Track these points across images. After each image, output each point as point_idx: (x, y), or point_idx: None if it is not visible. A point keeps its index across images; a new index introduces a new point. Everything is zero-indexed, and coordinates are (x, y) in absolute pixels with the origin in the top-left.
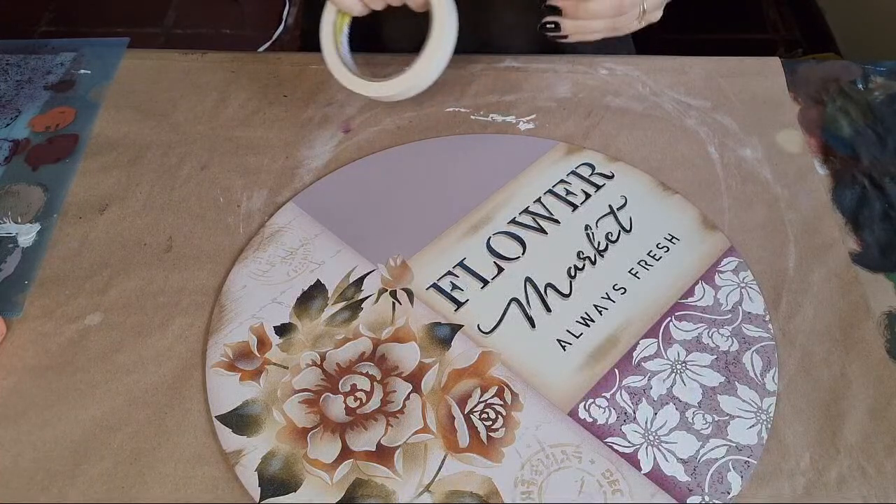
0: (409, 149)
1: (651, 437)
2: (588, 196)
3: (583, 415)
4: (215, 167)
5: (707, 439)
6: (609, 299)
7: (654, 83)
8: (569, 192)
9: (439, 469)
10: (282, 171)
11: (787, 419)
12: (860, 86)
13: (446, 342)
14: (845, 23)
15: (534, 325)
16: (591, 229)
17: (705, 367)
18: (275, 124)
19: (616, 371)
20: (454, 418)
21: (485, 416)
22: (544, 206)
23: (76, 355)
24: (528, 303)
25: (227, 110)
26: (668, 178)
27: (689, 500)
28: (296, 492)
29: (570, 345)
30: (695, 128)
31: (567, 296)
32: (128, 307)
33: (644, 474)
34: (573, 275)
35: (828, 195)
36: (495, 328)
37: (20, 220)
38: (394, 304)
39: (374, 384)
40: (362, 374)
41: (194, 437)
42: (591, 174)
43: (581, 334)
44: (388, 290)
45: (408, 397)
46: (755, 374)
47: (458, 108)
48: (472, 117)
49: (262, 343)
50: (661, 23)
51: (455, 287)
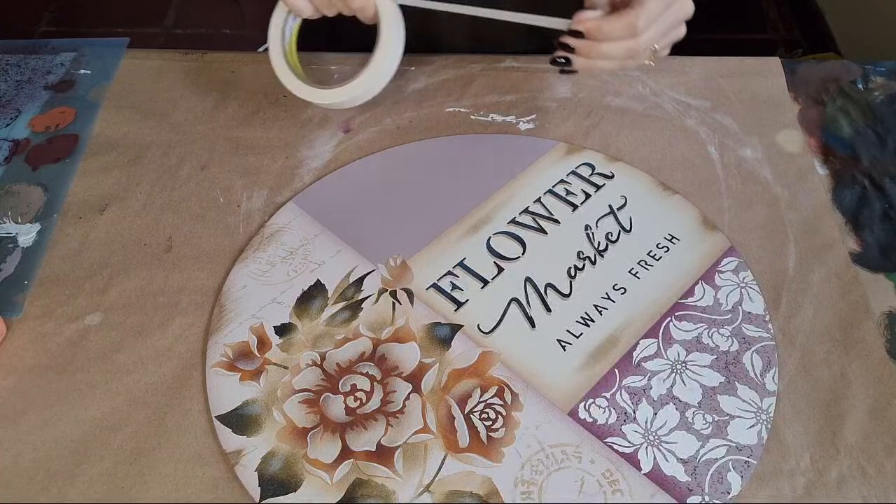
0: (409, 149)
1: (651, 437)
2: (588, 196)
3: (583, 415)
4: (215, 167)
5: (707, 439)
6: (609, 299)
7: (654, 83)
8: (569, 192)
9: (439, 469)
10: (282, 171)
11: (787, 419)
12: (860, 86)
13: (446, 342)
14: (845, 23)
15: (534, 325)
16: (591, 229)
17: (705, 367)
18: (275, 124)
19: (616, 371)
20: (454, 418)
21: (485, 416)
22: (544, 206)
23: (76, 355)
24: (528, 303)
25: (227, 110)
26: (668, 178)
27: (689, 500)
28: (296, 492)
29: (570, 345)
30: (695, 128)
31: (567, 296)
32: (128, 307)
33: (644, 474)
34: (573, 275)
35: (828, 195)
36: (495, 328)
37: (20, 220)
38: (394, 304)
39: (374, 384)
40: (362, 374)
41: (194, 437)
42: (591, 174)
43: (581, 334)
44: (388, 290)
45: (408, 397)
46: (755, 374)
47: (458, 108)
48: (472, 117)
49: (262, 343)
50: None
51: (455, 287)
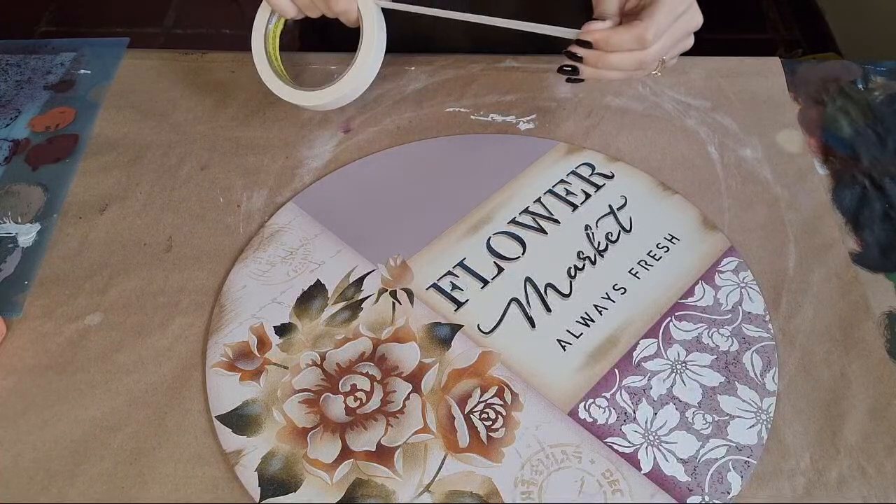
0: (409, 149)
1: (651, 437)
2: (588, 196)
3: (583, 415)
4: (215, 167)
5: (707, 439)
6: (609, 299)
7: (654, 83)
8: (569, 192)
9: (439, 469)
10: (282, 171)
11: (787, 419)
12: (860, 86)
13: (446, 342)
14: (845, 23)
15: (534, 325)
16: (591, 229)
17: (705, 367)
18: (275, 124)
19: (616, 371)
20: (454, 418)
21: (485, 416)
22: (544, 206)
23: (76, 355)
24: (528, 303)
25: (227, 110)
26: (668, 178)
27: (689, 500)
28: (296, 492)
29: (570, 345)
30: (695, 128)
31: (567, 296)
32: (128, 307)
33: (644, 474)
34: (573, 275)
35: (828, 195)
36: (495, 328)
37: (20, 220)
38: (394, 304)
39: (374, 384)
40: (362, 374)
41: (194, 437)
42: (591, 174)
43: (581, 334)
44: (388, 290)
45: (408, 397)
46: (755, 374)
47: (458, 108)
48: (472, 117)
49: (262, 343)
50: None
51: (455, 287)
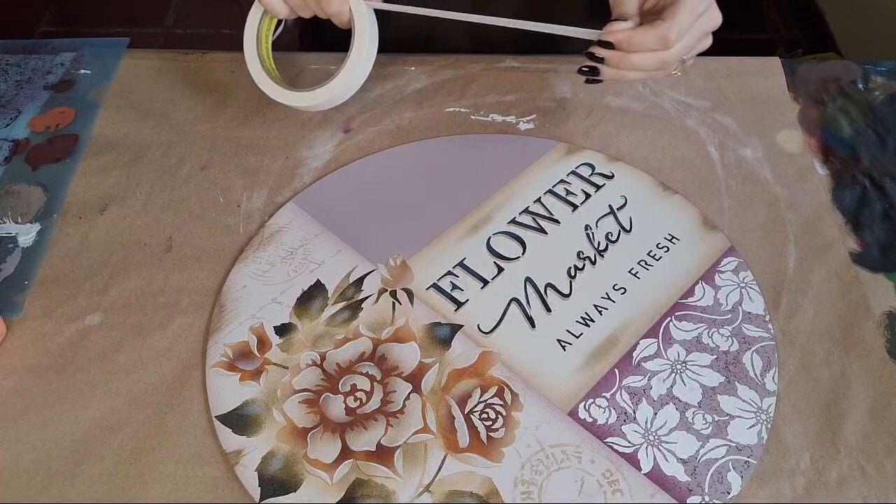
0: (409, 149)
1: (651, 437)
2: (588, 196)
3: (583, 415)
4: (215, 167)
5: (707, 439)
6: (609, 299)
7: (654, 83)
8: (569, 192)
9: (439, 469)
10: (282, 171)
11: (787, 419)
12: (860, 86)
13: (446, 342)
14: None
15: (534, 325)
16: (591, 229)
17: (705, 367)
18: (275, 124)
19: (616, 371)
20: (454, 418)
21: (485, 416)
22: (544, 206)
23: (76, 355)
24: (528, 303)
25: (227, 110)
26: (668, 178)
27: (689, 500)
28: (296, 492)
29: (570, 345)
30: (695, 128)
31: (567, 296)
32: (128, 307)
33: (644, 474)
34: (573, 275)
35: (828, 195)
36: (495, 328)
37: (20, 220)
38: (394, 304)
39: (374, 384)
40: (362, 374)
41: (194, 437)
42: (591, 174)
43: (581, 334)
44: (388, 290)
45: (408, 397)
46: (755, 374)
47: (458, 108)
48: (472, 117)
49: (262, 343)
50: None
51: (455, 287)
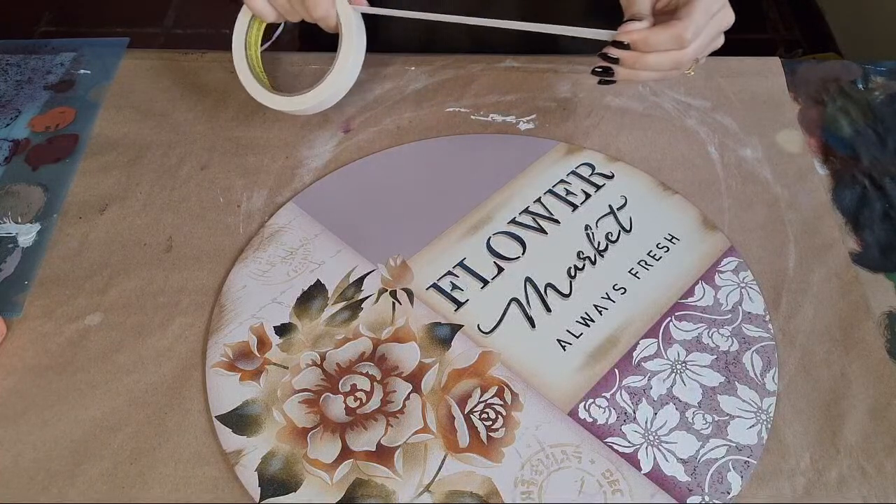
0: (409, 149)
1: (651, 437)
2: (588, 196)
3: (583, 415)
4: (215, 167)
5: (707, 439)
6: (609, 299)
7: (654, 83)
8: (569, 192)
9: (439, 469)
10: (282, 171)
11: (787, 419)
12: (860, 86)
13: (446, 342)
14: (845, 23)
15: (534, 325)
16: (591, 229)
17: (705, 367)
18: (275, 124)
19: (616, 371)
20: (454, 418)
21: (485, 416)
22: (544, 206)
23: (76, 355)
24: (528, 303)
25: (227, 110)
26: (668, 178)
27: (689, 500)
28: (296, 492)
29: (570, 345)
30: (695, 128)
31: (567, 296)
32: (128, 307)
33: (644, 474)
34: (573, 275)
35: (828, 195)
36: (495, 328)
37: (20, 220)
38: (394, 304)
39: (374, 384)
40: (362, 374)
41: (194, 437)
42: (591, 174)
43: (581, 334)
44: (388, 290)
45: (408, 397)
46: (755, 374)
47: (458, 108)
48: (472, 117)
49: (262, 343)
50: None
51: (455, 287)
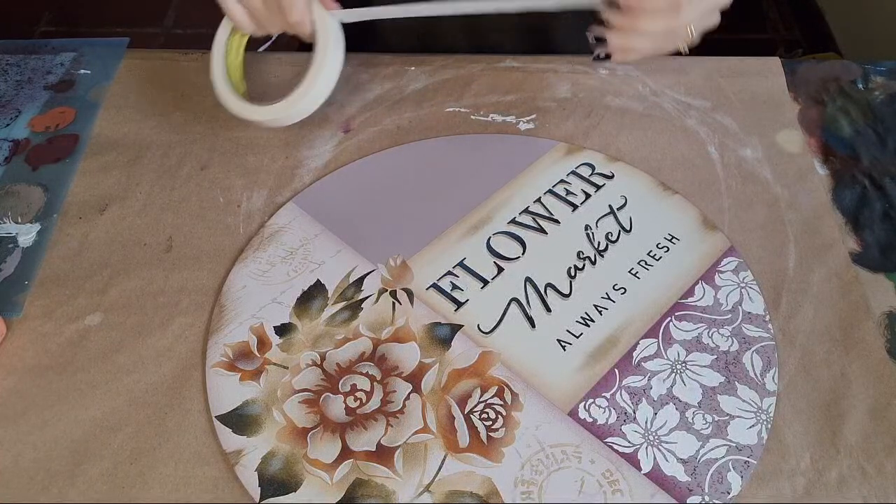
0: (409, 149)
1: (651, 437)
2: (588, 196)
3: (583, 415)
4: (215, 167)
5: (707, 439)
6: (609, 299)
7: (654, 83)
8: (569, 192)
9: (439, 469)
10: (282, 171)
11: (787, 419)
12: (860, 86)
13: (446, 342)
14: (845, 23)
15: (534, 325)
16: (591, 229)
17: (705, 367)
18: None
19: (616, 371)
20: (454, 418)
21: (485, 416)
22: (544, 206)
23: (76, 355)
24: (528, 303)
25: (227, 110)
26: (668, 178)
27: (689, 500)
28: (296, 492)
29: (570, 345)
30: (695, 128)
31: (567, 296)
32: (128, 307)
33: (644, 474)
34: (573, 275)
35: (828, 195)
36: (495, 328)
37: (20, 220)
38: (394, 304)
39: (374, 384)
40: (362, 374)
41: (194, 437)
42: (591, 174)
43: (581, 334)
44: (388, 290)
45: (408, 397)
46: (755, 374)
47: (458, 108)
48: (472, 117)
49: (262, 343)
50: None
51: (455, 287)
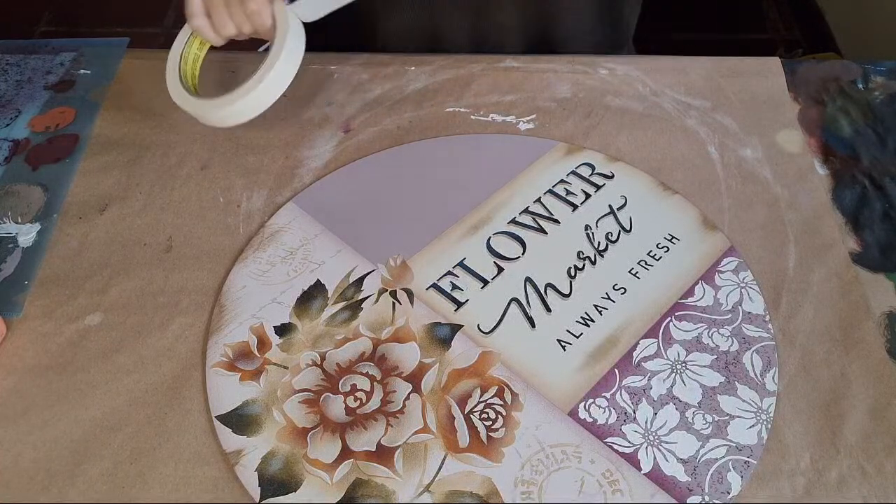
0: (409, 149)
1: (651, 437)
2: (588, 196)
3: (583, 415)
4: (215, 167)
5: (707, 439)
6: (609, 299)
7: (654, 83)
8: (569, 192)
9: (439, 469)
10: (282, 171)
11: (787, 419)
12: (860, 86)
13: (446, 342)
14: (845, 23)
15: (534, 325)
16: (591, 229)
17: (705, 367)
18: (275, 124)
19: (616, 371)
20: (454, 418)
21: (485, 416)
22: (544, 206)
23: (76, 355)
24: (528, 303)
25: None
26: (668, 178)
27: (689, 500)
28: (296, 492)
29: (570, 345)
30: (695, 128)
31: (567, 296)
32: (128, 307)
33: (644, 474)
34: (573, 275)
35: (828, 195)
36: (495, 328)
37: (20, 220)
38: (394, 304)
39: (374, 384)
40: (362, 374)
41: (194, 437)
42: (591, 174)
43: (581, 334)
44: (388, 290)
45: (408, 397)
46: (755, 374)
47: (458, 108)
48: (472, 117)
49: (262, 343)
50: (662, 22)
51: (455, 287)
